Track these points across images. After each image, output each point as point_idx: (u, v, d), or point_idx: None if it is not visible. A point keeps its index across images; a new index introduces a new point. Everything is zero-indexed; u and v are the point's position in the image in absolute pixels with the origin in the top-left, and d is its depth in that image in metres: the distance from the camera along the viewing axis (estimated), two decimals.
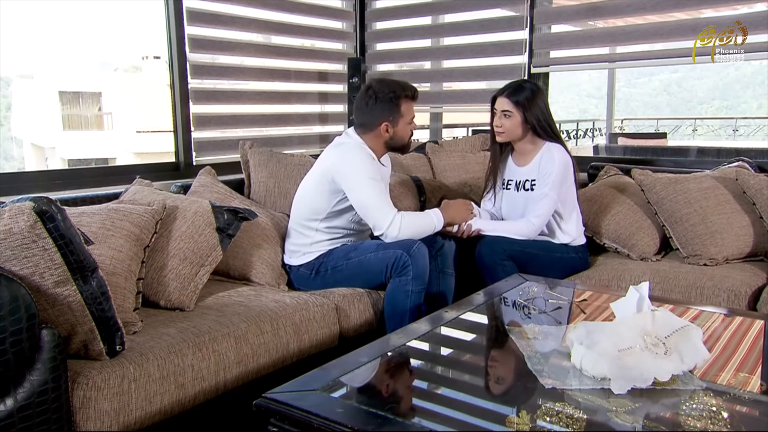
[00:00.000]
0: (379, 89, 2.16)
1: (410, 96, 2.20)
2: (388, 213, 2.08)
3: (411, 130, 2.25)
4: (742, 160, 2.64)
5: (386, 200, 2.11)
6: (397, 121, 2.18)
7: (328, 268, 2.18)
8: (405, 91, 2.18)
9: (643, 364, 1.21)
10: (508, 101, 2.31)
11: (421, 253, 2.05)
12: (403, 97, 2.17)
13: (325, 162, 2.19)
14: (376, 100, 2.15)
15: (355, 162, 2.10)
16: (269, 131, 3.43)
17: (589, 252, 2.47)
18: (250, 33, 3.31)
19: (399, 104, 2.17)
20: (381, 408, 1.16)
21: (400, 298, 2.05)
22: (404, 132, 2.22)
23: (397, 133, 2.20)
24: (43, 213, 1.40)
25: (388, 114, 2.16)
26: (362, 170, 2.09)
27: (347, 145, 2.18)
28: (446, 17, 3.66)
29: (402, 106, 2.17)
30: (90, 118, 18.29)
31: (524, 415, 1.09)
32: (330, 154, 2.20)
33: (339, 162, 2.13)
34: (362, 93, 2.21)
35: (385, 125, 2.17)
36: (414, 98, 2.22)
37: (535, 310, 1.72)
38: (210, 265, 1.98)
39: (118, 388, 1.44)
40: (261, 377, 1.78)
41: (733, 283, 2.08)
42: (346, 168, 2.10)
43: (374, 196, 2.08)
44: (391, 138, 2.20)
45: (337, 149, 2.19)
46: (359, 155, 2.12)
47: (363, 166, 2.10)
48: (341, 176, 2.10)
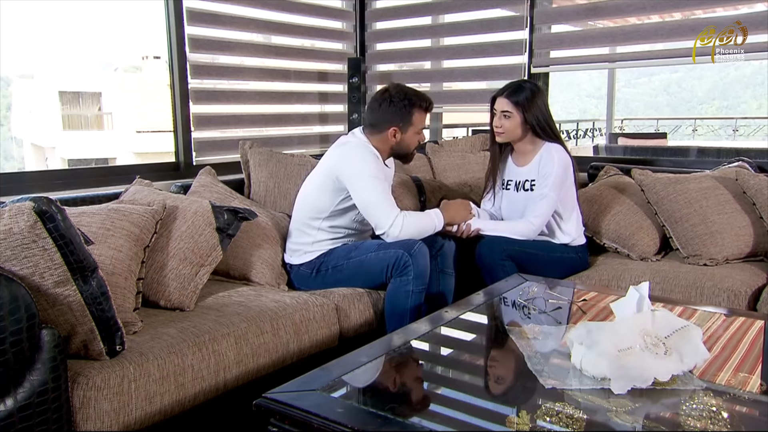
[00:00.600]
0: (396, 93, 2.17)
1: (424, 107, 2.20)
2: (390, 212, 2.08)
3: (418, 141, 2.25)
4: (742, 160, 2.64)
5: (389, 200, 2.11)
6: (407, 129, 2.18)
7: (328, 268, 2.18)
8: (420, 101, 2.18)
9: (643, 364, 1.21)
10: (507, 102, 2.31)
11: (421, 253, 2.05)
12: (417, 107, 2.17)
13: (329, 160, 2.19)
14: (390, 103, 2.16)
15: (360, 161, 2.10)
16: (269, 131, 3.43)
17: (588, 252, 2.47)
18: (250, 33, 3.31)
19: (412, 112, 2.17)
20: (381, 408, 1.16)
21: (400, 298, 2.05)
22: (411, 141, 2.22)
23: (404, 140, 2.20)
24: (43, 213, 1.40)
25: (399, 119, 2.16)
26: (366, 169, 2.09)
27: (352, 144, 2.17)
28: (446, 17, 3.66)
29: (414, 115, 2.18)
30: (90, 118, 18.30)
31: (524, 415, 1.09)
32: (335, 152, 2.20)
33: (343, 160, 2.13)
34: (378, 94, 2.21)
35: (393, 129, 2.17)
36: (428, 110, 2.22)
37: (535, 310, 1.72)
38: (210, 265, 1.98)
39: (118, 388, 1.44)
40: (261, 377, 1.78)
41: (733, 283, 2.08)
42: (350, 166, 2.10)
43: (377, 195, 2.08)
44: (397, 143, 2.20)
45: (342, 148, 2.18)
46: (363, 154, 2.12)
47: (367, 164, 2.10)
48: (345, 175, 2.10)
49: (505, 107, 2.31)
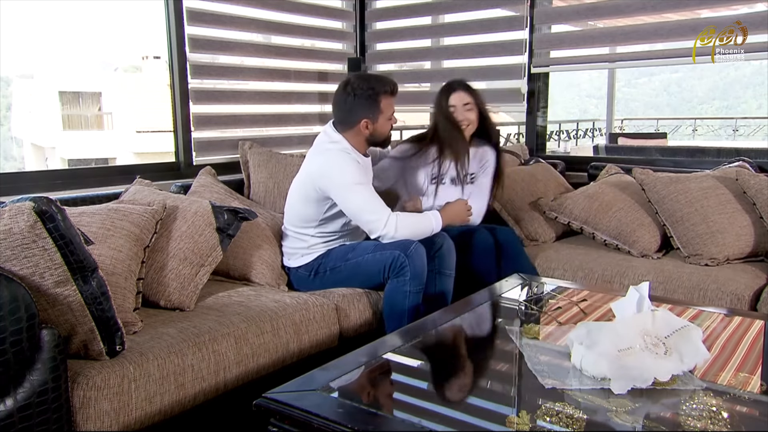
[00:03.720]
0: (358, 85, 2.10)
1: (390, 92, 2.13)
2: (381, 216, 2.05)
3: (392, 125, 2.20)
4: (742, 160, 2.64)
5: (376, 203, 2.08)
6: (377, 118, 2.13)
7: (326, 270, 2.18)
8: (384, 87, 2.11)
9: (643, 364, 1.21)
10: (467, 94, 2.40)
11: (418, 253, 2.04)
12: (383, 93, 2.11)
13: (310, 167, 2.15)
14: (355, 97, 2.10)
15: (340, 171, 2.06)
16: (269, 131, 3.43)
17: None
18: (250, 33, 3.31)
19: (379, 101, 2.11)
20: (381, 408, 1.17)
21: (398, 299, 2.05)
22: (384, 128, 2.17)
23: (377, 129, 2.15)
24: (43, 213, 1.40)
25: (368, 111, 2.11)
26: (348, 178, 2.06)
27: (331, 152, 2.11)
28: (446, 17, 3.65)
29: (382, 103, 2.12)
30: (90, 118, 18.30)
31: (524, 415, 1.09)
32: (314, 161, 2.15)
33: (323, 171, 2.09)
34: (340, 89, 2.14)
35: (365, 122, 2.12)
36: (393, 93, 2.15)
37: (535, 310, 1.72)
38: (210, 265, 1.98)
39: (118, 388, 1.44)
40: (261, 377, 1.78)
41: (737, 287, 2.07)
42: (332, 179, 2.07)
43: (364, 202, 2.06)
44: (371, 134, 2.16)
45: (321, 157, 2.13)
46: (342, 163, 2.08)
47: (349, 174, 2.06)
48: (327, 185, 2.08)
49: (466, 99, 2.39)
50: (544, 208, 2.70)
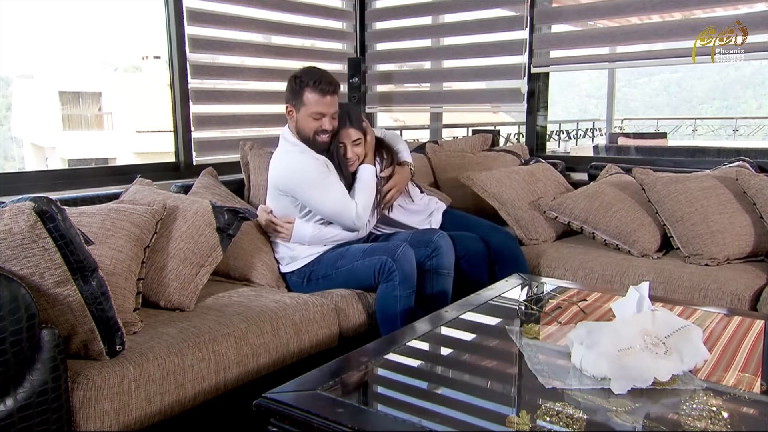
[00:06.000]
0: (296, 73, 2.17)
1: (314, 86, 2.10)
2: (349, 212, 2.12)
3: (317, 127, 2.14)
4: (742, 160, 2.64)
5: (338, 198, 2.12)
6: (299, 108, 2.15)
7: (318, 277, 2.17)
8: (311, 79, 2.10)
9: (643, 364, 1.21)
10: (355, 131, 2.22)
11: (406, 257, 2.03)
12: (307, 85, 2.11)
13: (270, 173, 2.23)
14: (288, 82, 2.18)
15: (291, 170, 2.14)
16: (269, 131, 3.43)
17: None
18: (250, 33, 3.31)
19: (302, 91, 2.12)
20: (381, 408, 1.16)
21: (389, 304, 2.04)
22: (305, 123, 2.15)
23: (299, 121, 2.16)
24: (43, 213, 1.40)
25: (292, 98, 2.16)
26: (304, 176, 2.12)
27: (279, 152, 2.21)
28: (446, 17, 3.66)
29: (305, 95, 2.12)
30: (90, 118, 18.30)
31: (524, 415, 1.09)
32: (271, 164, 2.23)
33: (279, 174, 2.17)
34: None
35: (288, 108, 2.18)
36: (320, 89, 2.10)
37: (535, 310, 1.72)
38: (210, 265, 1.98)
39: (118, 388, 1.44)
40: (261, 377, 1.78)
41: (738, 287, 2.07)
42: (290, 181, 2.14)
43: (330, 201, 2.11)
44: (296, 126, 2.18)
45: (275, 161, 2.21)
46: (292, 162, 2.15)
47: (303, 172, 2.12)
48: (288, 188, 2.15)
49: (355, 136, 2.23)
50: (544, 208, 2.70)
